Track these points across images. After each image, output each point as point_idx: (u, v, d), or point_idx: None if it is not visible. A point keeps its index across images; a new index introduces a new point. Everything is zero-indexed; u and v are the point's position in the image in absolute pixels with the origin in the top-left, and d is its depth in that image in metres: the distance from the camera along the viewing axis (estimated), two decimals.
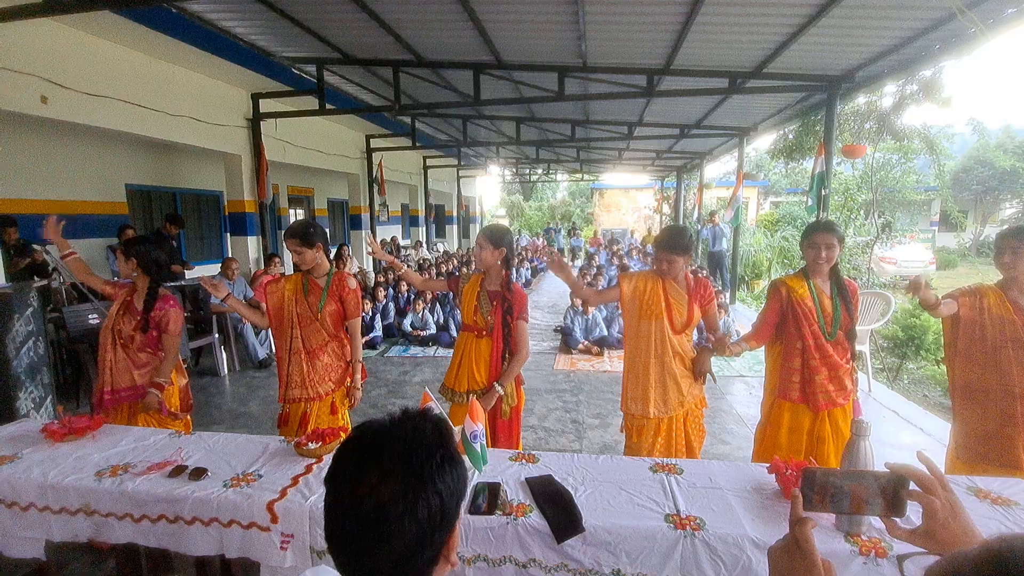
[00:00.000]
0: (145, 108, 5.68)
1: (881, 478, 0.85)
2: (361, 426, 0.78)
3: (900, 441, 4.04)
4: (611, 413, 4.64)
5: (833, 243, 2.52)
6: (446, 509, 0.73)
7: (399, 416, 0.79)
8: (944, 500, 0.81)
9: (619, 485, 1.68)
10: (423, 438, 0.75)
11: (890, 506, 0.85)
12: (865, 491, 0.86)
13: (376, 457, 0.73)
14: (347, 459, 0.75)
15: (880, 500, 0.85)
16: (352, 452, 0.76)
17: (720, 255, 11.15)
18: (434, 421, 0.80)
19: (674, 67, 5.87)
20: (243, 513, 1.65)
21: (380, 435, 0.76)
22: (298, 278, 2.79)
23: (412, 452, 0.73)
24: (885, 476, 0.85)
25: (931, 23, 4.25)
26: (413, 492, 0.70)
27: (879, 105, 8.47)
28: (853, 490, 0.86)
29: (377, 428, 0.77)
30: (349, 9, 4.82)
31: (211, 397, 5.20)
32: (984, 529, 0.81)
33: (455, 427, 1.86)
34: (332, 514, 0.74)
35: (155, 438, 2.17)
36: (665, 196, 18.94)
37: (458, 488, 0.75)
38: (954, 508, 0.81)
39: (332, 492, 0.75)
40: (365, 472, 0.72)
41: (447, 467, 0.74)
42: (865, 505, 0.86)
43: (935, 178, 10.67)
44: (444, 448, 0.76)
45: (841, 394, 2.61)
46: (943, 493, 0.82)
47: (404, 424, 0.77)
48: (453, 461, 0.76)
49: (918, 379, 7.39)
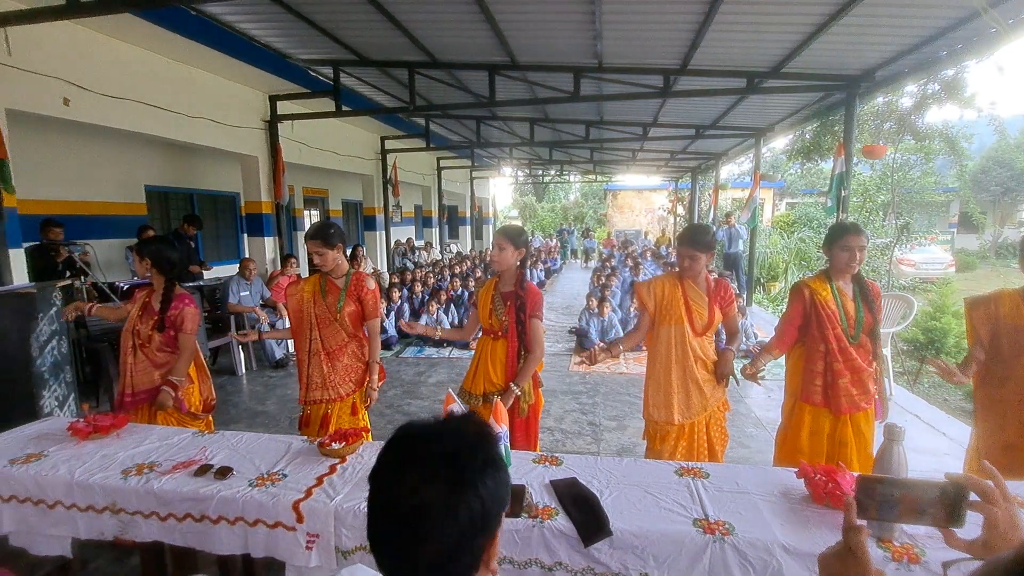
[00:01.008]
0: (165, 110, 5.76)
1: (939, 487, 0.83)
2: (404, 426, 0.78)
3: (922, 446, 3.97)
4: (628, 415, 4.61)
5: (864, 245, 2.51)
6: (487, 514, 0.72)
7: (443, 418, 0.79)
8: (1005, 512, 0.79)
9: (644, 488, 1.67)
10: (466, 440, 0.75)
11: (949, 516, 0.82)
12: (919, 500, 0.84)
13: (418, 458, 0.73)
14: (390, 459, 0.75)
15: (937, 509, 0.83)
16: (395, 452, 0.75)
17: (736, 257, 11.03)
18: (478, 424, 0.79)
19: (691, 67, 5.83)
20: (268, 512, 1.65)
21: (423, 436, 0.75)
22: (316, 279, 2.80)
23: (455, 454, 0.73)
24: (944, 485, 0.83)
25: (953, 22, 4.18)
26: (455, 494, 0.70)
27: (898, 105, 8.34)
28: (904, 498, 0.84)
29: (420, 429, 0.77)
30: (365, 11, 4.85)
31: (229, 396, 5.25)
32: None
33: None
34: (373, 513, 0.74)
35: (179, 437, 2.19)
36: (680, 197, 18.82)
37: (500, 493, 0.74)
38: (1014, 520, 0.79)
39: (374, 491, 0.75)
40: (407, 472, 0.72)
41: (489, 471, 0.73)
42: (917, 514, 0.84)
43: (955, 179, 10.49)
44: (487, 451, 0.75)
45: (864, 398, 2.57)
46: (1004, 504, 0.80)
47: (447, 426, 0.77)
48: (496, 465, 0.75)
49: (938, 383, 7.25)
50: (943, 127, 8.56)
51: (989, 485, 0.82)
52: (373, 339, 2.85)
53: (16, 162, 4.15)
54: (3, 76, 4.03)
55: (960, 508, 0.82)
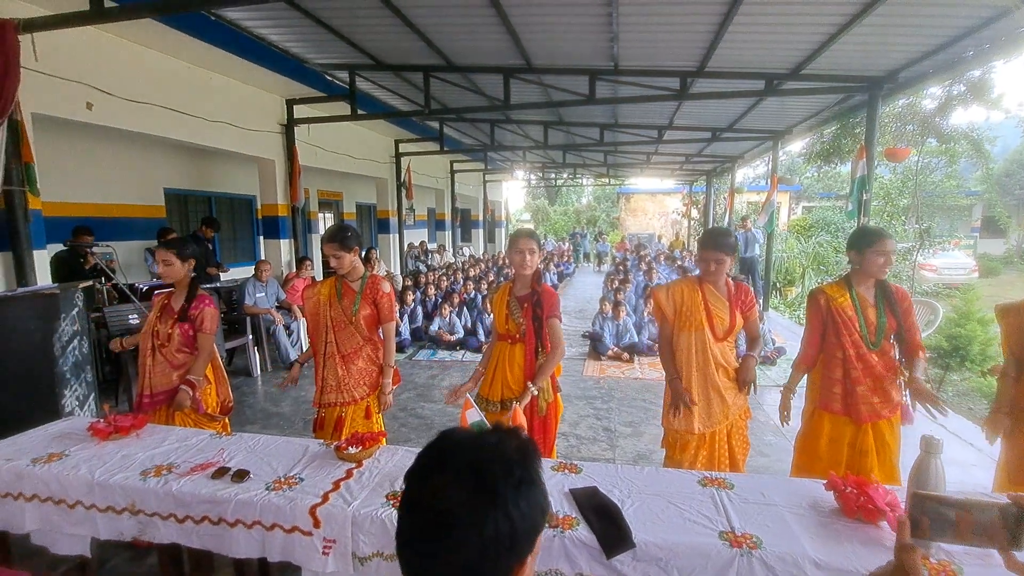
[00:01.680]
0: (184, 114, 5.83)
1: (999, 508, 0.78)
2: (446, 431, 0.78)
3: (949, 457, 3.82)
4: (643, 421, 4.55)
5: (894, 249, 2.46)
6: (516, 535, 0.69)
7: (490, 431, 0.78)
8: None
9: (667, 498, 1.63)
10: (502, 453, 0.73)
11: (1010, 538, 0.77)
12: (976, 521, 0.79)
13: (448, 461, 0.73)
14: (424, 461, 0.75)
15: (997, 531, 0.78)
16: (430, 454, 0.76)
17: (753, 261, 10.90)
18: (520, 440, 0.77)
19: (708, 69, 5.77)
20: (285, 516, 1.64)
21: (460, 443, 0.75)
22: (332, 282, 2.80)
23: (487, 464, 0.71)
24: (1004, 507, 0.78)
25: (981, 21, 4.08)
26: (482, 506, 0.68)
27: (920, 107, 8.18)
28: (961, 519, 0.80)
29: (459, 435, 0.77)
30: (382, 15, 4.87)
31: (244, 397, 5.28)
32: None
33: None
34: (402, 511, 0.74)
35: (197, 439, 2.20)
36: (694, 201, 18.66)
37: (534, 516, 0.71)
38: None
39: (406, 490, 0.75)
40: (435, 474, 0.72)
41: (523, 489, 0.71)
42: (973, 535, 0.79)
43: (979, 182, 10.26)
44: (525, 469, 0.73)
45: (887, 406, 2.50)
46: None
47: (487, 437, 0.76)
48: (532, 485, 0.72)
49: (963, 391, 7.09)
50: (968, 129, 8.36)
51: None
52: (388, 342, 2.85)
53: (40, 165, 4.23)
54: (30, 81, 4.11)
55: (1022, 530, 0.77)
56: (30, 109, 4.20)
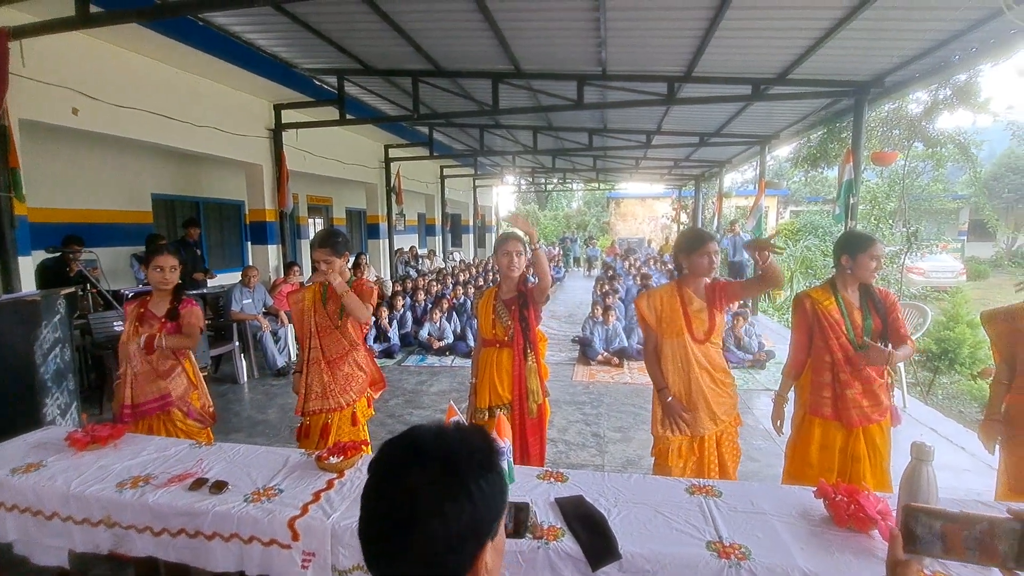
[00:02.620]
0: (171, 119, 5.77)
1: (997, 524, 0.75)
2: (412, 427, 0.79)
3: (942, 462, 3.82)
4: (632, 427, 4.53)
5: (883, 253, 2.47)
6: (478, 517, 0.71)
7: (451, 424, 0.81)
8: None
9: (655, 508, 1.60)
10: (468, 442, 0.76)
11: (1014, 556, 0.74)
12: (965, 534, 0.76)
13: (417, 449, 0.74)
14: (391, 449, 0.76)
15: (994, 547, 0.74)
16: (397, 444, 0.77)
17: (741, 265, 10.95)
18: (484, 433, 0.81)
19: (696, 74, 5.80)
20: (264, 529, 1.60)
21: (427, 433, 0.77)
22: (318, 287, 2.75)
23: (453, 451, 0.74)
24: (1004, 522, 0.74)
25: (968, 24, 4.12)
26: (444, 488, 0.70)
27: (906, 111, 8.27)
28: (948, 531, 0.77)
29: (426, 427, 0.78)
30: (371, 20, 4.85)
31: (230, 404, 5.20)
32: None
33: None
34: (366, 499, 0.74)
35: (176, 449, 2.15)
36: (683, 205, 18.76)
37: (495, 501, 0.74)
38: None
39: (370, 479, 0.75)
40: (404, 460, 0.73)
41: (484, 472, 0.73)
42: (966, 549, 0.76)
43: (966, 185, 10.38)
44: (485, 455, 0.75)
45: (877, 410, 2.48)
46: None
47: (453, 429, 0.78)
48: (493, 471, 0.75)
49: (952, 394, 7.13)
50: (955, 133, 8.44)
51: None
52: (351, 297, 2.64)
53: (26, 171, 4.17)
54: (16, 87, 4.04)
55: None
56: (17, 115, 4.14)
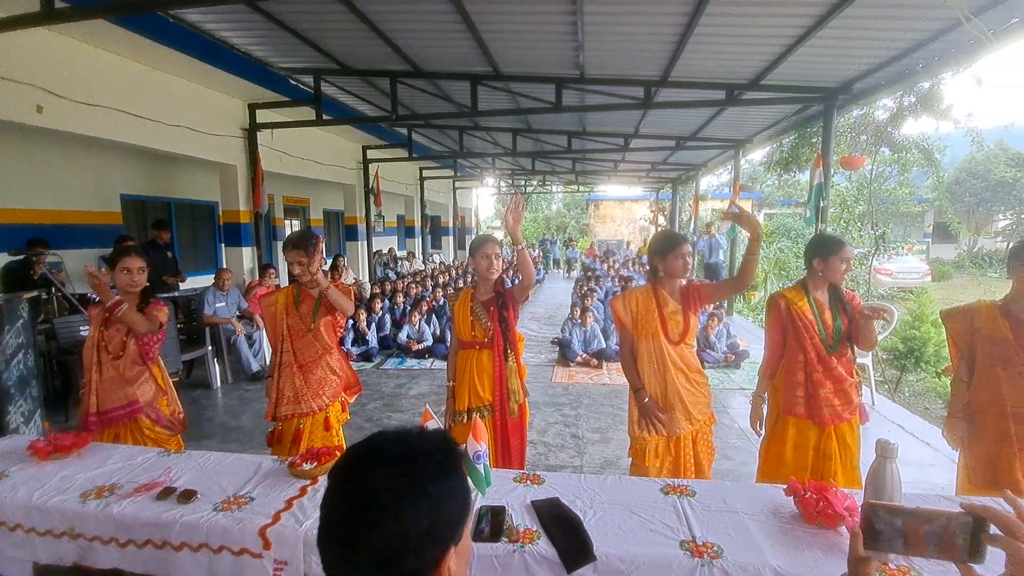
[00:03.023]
0: (141, 118, 5.63)
1: (954, 519, 0.76)
2: (375, 433, 0.80)
3: (907, 456, 3.97)
4: (611, 427, 4.56)
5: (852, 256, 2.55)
6: (436, 521, 0.71)
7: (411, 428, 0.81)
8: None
9: (630, 508, 1.61)
10: (428, 444, 0.76)
11: (967, 550, 0.75)
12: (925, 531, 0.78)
13: (377, 452, 0.75)
14: (352, 454, 0.77)
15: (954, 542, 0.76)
16: (359, 448, 0.78)
17: (717, 266, 11.15)
18: (445, 437, 0.82)
19: (671, 79, 5.88)
20: (234, 538, 1.56)
21: (388, 438, 0.78)
22: (290, 290, 2.71)
23: (412, 453, 0.74)
24: (959, 517, 0.76)
25: (931, 34, 4.26)
26: (404, 490, 0.70)
27: (874, 117, 8.51)
28: (908, 528, 0.78)
29: (389, 432, 0.79)
30: (347, 20, 4.80)
31: (203, 410, 5.09)
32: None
33: None
34: (326, 503, 0.74)
35: (143, 457, 2.09)
36: (660, 208, 18.99)
37: (452, 501, 0.74)
38: None
39: (331, 482, 0.75)
40: (365, 460, 0.74)
41: (443, 474, 0.73)
42: (926, 545, 0.78)
43: (930, 189, 10.74)
44: (447, 457, 0.76)
45: (847, 408, 2.56)
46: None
47: (414, 433, 0.80)
48: (454, 472, 0.75)
49: (919, 391, 7.35)
50: (919, 139, 8.74)
51: (1012, 517, 0.74)
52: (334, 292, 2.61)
53: None
54: None
55: (980, 542, 0.75)
56: None
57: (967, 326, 2.47)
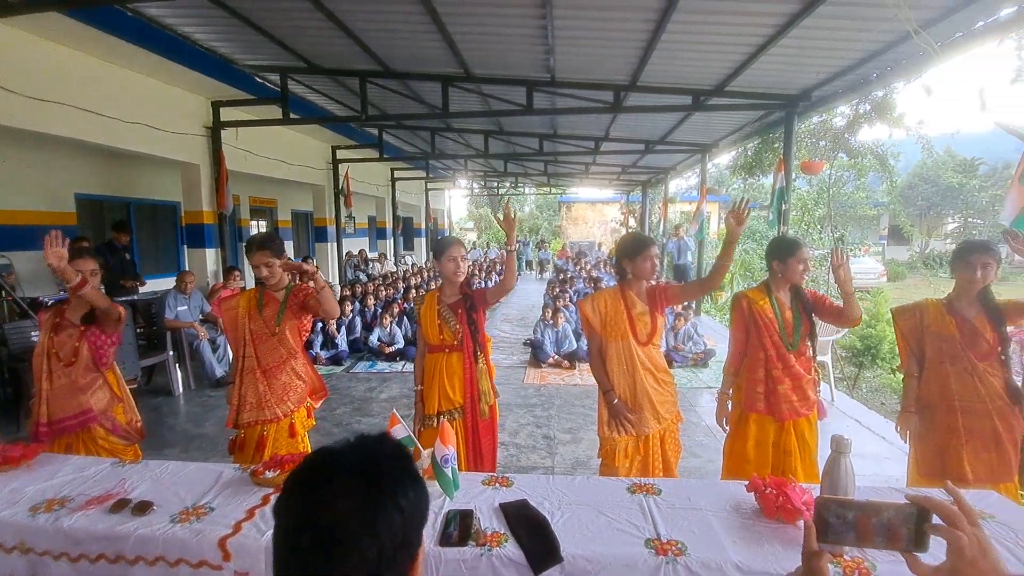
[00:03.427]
0: (97, 114, 5.42)
1: (895, 509, 0.80)
2: (317, 449, 0.75)
3: (864, 450, 4.12)
4: (582, 427, 4.60)
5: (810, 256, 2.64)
6: (408, 528, 0.69)
7: (356, 439, 0.76)
8: (972, 536, 0.74)
9: (597, 508, 1.62)
10: (383, 453, 0.73)
11: (912, 540, 0.78)
12: (874, 523, 0.80)
13: (332, 473, 0.70)
14: (300, 480, 0.71)
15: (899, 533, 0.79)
16: (306, 472, 0.71)
17: (685, 267, 11.36)
18: (393, 441, 0.78)
19: (640, 83, 5.97)
20: (192, 551, 1.51)
21: (336, 454, 0.73)
22: (253, 292, 2.64)
23: (371, 466, 0.70)
24: (904, 508, 0.79)
25: (883, 45, 4.44)
26: (373, 506, 0.67)
27: (832, 124, 8.83)
28: (859, 521, 0.81)
29: (332, 448, 0.74)
30: (314, 17, 4.73)
31: (164, 418, 4.92)
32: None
33: (424, 451, 1.78)
34: (284, 540, 0.68)
35: (95, 468, 2.00)
36: (631, 210, 19.25)
37: (420, 508, 0.73)
38: (983, 545, 0.74)
39: (284, 515, 0.69)
40: (321, 488, 0.68)
41: (408, 482, 0.71)
42: (875, 537, 0.81)
43: (886, 193, 11.17)
44: (405, 465, 0.74)
45: (804, 404, 2.64)
46: (971, 529, 0.74)
47: (362, 443, 0.75)
48: (415, 478, 0.73)
49: (875, 387, 7.64)
50: (874, 145, 9.11)
51: (952, 508, 0.77)
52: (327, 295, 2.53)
53: None
54: None
55: (923, 532, 0.78)
56: None
57: (916, 323, 2.58)
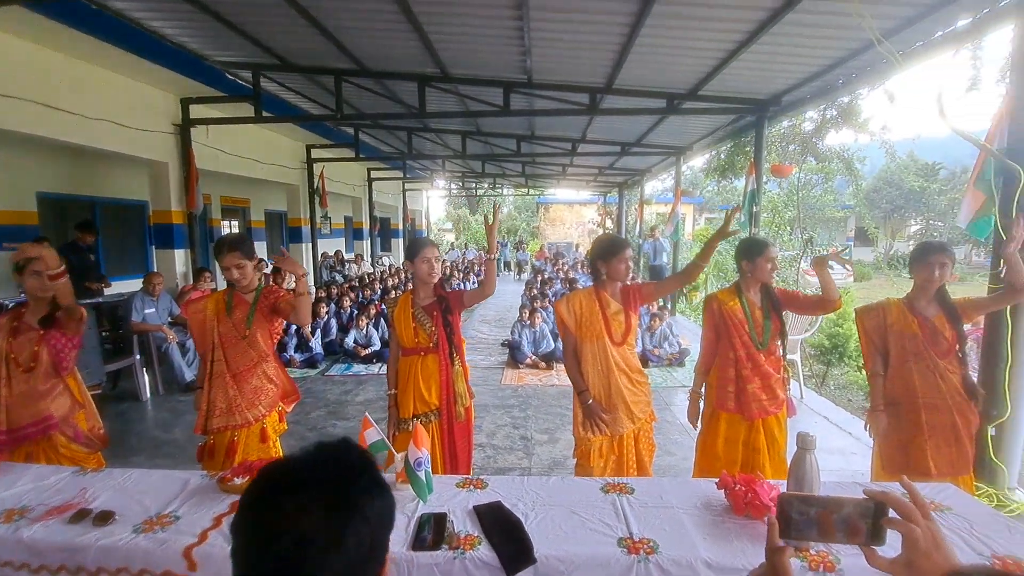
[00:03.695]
0: (60, 110, 5.24)
1: (854, 504, 0.82)
2: (275, 460, 0.72)
3: (831, 446, 4.23)
4: (559, 428, 4.62)
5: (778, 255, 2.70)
6: (376, 539, 0.68)
7: (315, 447, 0.72)
8: (926, 529, 0.76)
9: (571, 508, 1.63)
10: (347, 463, 0.71)
11: (869, 534, 0.81)
12: (835, 518, 0.83)
13: (294, 486, 0.66)
14: (259, 496, 0.67)
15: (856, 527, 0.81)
16: (266, 488, 0.68)
17: (660, 268, 11.50)
18: (356, 447, 0.74)
19: (616, 86, 6.03)
20: (156, 561, 1.47)
21: (297, 465, 0.69)
22: (222, 295, 2.58)
23: (336, 478, 0.67)
24: (860, 502, 0.82)
25: (848, 53, 4.57)
26: (339, 521, 0.64)
27: (801, 128, 9.07)
28: (821, 516, 0.83)
29: (292, 459, 0.70)
30: (287, 14, 4.65)
31: (130, 424, 4.77)
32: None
33: (398, 454, 1.77)
34: (244, 560, 0.65)
35: (56, 477, 1.93)
36: (608, 211, 19.42)
37: (387, 516, 0.71)
38: (936, 537, 0.76)
39: (243, 533, 0.66)
40: (282, 504, 0.65)
41: (375, 492, 0.69)
42: (835, 532, 0.83)
43: (852, 196, 11.50)
44: (370, 473, 0.71)
45: (773, 403, 2.70)
46: (924, 522, 0.77)
47: (323, 452, 0.71)
48: (380, 486, 0.71)
49: (843, 384, 7.85)
50: (840, 149, 9.39)
51: (906, 502, 0.79)
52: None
53: None
54: None
55: (880, 526, 0.80)
56: None
57: (880, 322, 2.65)
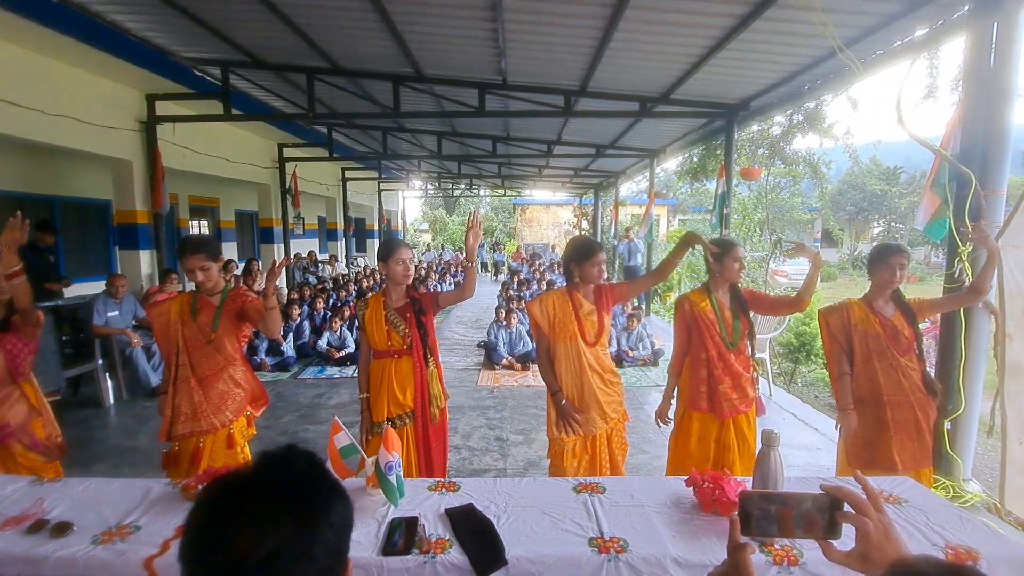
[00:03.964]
0: (18, 106, 5.05)
1: (812, 499, 0.85)
2: (222, 475, 0.67)
3: (798, 441, 4.35)
4: (534, 428, 4.63)
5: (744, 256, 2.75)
6: (340, 544, 0.68)
7: (262, 458, 0.69)
8: (877, 522, 0.80)
9: (543, 509, 1.64)
10: (303, 472, 0.68)
11: (825, 528, 0.84)
12: (794, 513, 0.85)
13: (254, 503, 0.63)
14: (211, 517, 0.63)
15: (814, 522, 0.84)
16: (220, 502, 0.64)
17: (635, 269, 11.63)
18: (305, 454, 0.71)
19: (590, 89, 6.08)
20: (116, 573, 1.41)
21: (251, 479, 0.66)
22: (186, 297, 2.51)
23: (296, 489, 0.65)
24: (817, 497, 0.84)
25: (813, 60, 4.70)
26: (307, 532, 0.63)
27: (770, 133, 9.28)
28: (781, 512, 0.86)
29: (243, 475, 0.67)
30: (256, 10, 4.57)
31: (92, 431, 4.61)
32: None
33: (369, 458, 1.75)
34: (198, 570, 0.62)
35: (12, 487, 1.85)
36: (584, 212, 19.57)
37: (348, 518, 0.71)
38: (887, 530, 0.80)
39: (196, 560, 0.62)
40: (242, 524, 0.61)
41: (334, 498, 0.68)
42: (795, 527, 0.85)
43: (818, 199, 11.81)
44: (326, 478, 0.70)
45: (744, 402, 2.76)
46: (876, 515, 0.81)
47: (275, 464, 0.68)
48: (338, 491, 0.70)
49: (810, 382, 8.06)
50: (806, 153, 9.66)
51: (860, 496, 0.83)
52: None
53: None
54: None
55: (835, 520, 0.83)
56: None
57: (844, 322, 2.73)
